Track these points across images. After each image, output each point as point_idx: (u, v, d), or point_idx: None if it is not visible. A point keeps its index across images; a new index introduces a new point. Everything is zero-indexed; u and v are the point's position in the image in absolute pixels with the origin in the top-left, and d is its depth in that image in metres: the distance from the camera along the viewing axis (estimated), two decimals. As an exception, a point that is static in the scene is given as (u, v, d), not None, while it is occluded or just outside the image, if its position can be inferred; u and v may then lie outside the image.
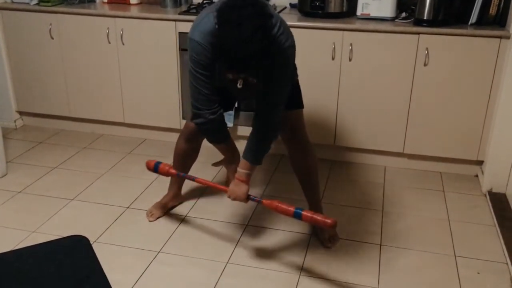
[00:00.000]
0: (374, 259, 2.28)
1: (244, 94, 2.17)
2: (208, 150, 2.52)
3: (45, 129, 3.65)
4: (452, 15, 2.84)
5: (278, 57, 1.90)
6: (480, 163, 3.01)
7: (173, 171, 2.31)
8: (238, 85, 1.92)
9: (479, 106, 2.84)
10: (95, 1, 3.46)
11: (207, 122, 2.02)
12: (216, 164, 2.28)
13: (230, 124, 3.19)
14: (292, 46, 1.93)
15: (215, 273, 2.17)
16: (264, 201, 2.06)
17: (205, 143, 2.44)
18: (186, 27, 3.07)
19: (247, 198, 2.09)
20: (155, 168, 2.33)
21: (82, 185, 2.87)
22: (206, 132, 2.11)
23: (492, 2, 2.79)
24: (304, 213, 1.94)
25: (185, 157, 2.47)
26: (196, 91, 1.97)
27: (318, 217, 1.91)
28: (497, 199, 2.74)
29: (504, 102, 2.69)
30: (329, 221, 1.89)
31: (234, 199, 2.10)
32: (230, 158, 2.20)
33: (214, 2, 1.94)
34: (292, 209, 1.96)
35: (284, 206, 1.99)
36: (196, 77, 1.94)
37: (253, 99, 2.31)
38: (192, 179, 2.26)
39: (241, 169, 2.08)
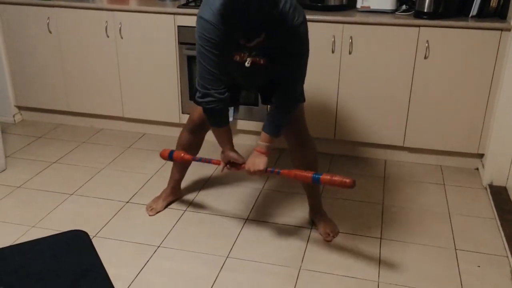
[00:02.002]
0: (374, 252, 2.28)
1: (250, 77, 2.16)
2: (210, 144, 2.51)
3: (44, 123, 3.64)
4: (452, 8, 2.83)
5: (294, 34, 1.92)
6: (480, 156, 3.00)
7: (187, 156, 2.32)
8: (246, 63, 1.98)
9: (479, 99, 2.83)
10: (93, -5, 3.44)
11: (214, 101, 1.99)
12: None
13: (230, 118, 3.17)
14: (305, 22, 1.95)
15: (215, 267, 2.17)
16: (282, 171, 2.11)
17: (207, 137, 2.43)
18: (185, 21, 3.05)
19: (266, 170, 2.11)
20: (169, 156, 2.34)
21: (81, 180, 2.86)
22: (212, 113, 2.06)
23: (493, -6, 2.78)
24: (322, 176, 1.98)
25: (188, 149, 2.46)
26: (204, 71, 1.94)
27: (336, 177, 1.95)
28: (497, 192, 2.73)
29: (505, 95, 2.68)
30: (347, 180, 1.92)
31: (254, 171, 2.10)
32: (228, 144, 2.17)
33: None
34: (310, 175, 2.02)
35: (303, 173, 2.05)
36: (206, 56, 1.91)
37: (255, 87, 2.31)
38: (208, 161, 2.27)
39: (262, 142, 2.10)
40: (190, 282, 2.08)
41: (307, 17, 2.84)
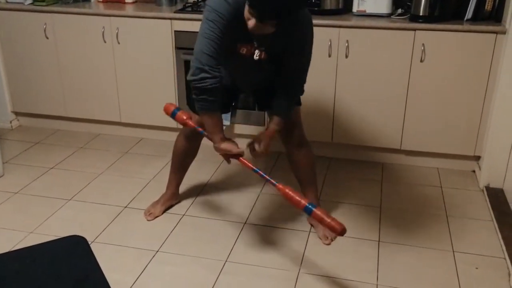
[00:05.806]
0: (372, 255, 2.28)
1: (250, 73, 2.17)
2: (207, 148, 2.51)
3: (41, 129, 3.63)
4: (448, 11, 2.85)
5: (308, 28, 2.03)
6: (477, 158, 3.01)
7: (191, 123, 2.17)
8: (255, 56, 2.00)
9: (476, 101, 2.84)
10: (90, 0, 3.44)
11: (209, 78, 1.90)
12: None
13: (227, 122, 3.18)
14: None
15: (214, 271, 2.17)
16: (278, 185, 1.97)
17: (204, 141, 2.44)
18: (181, 26, 3.06)
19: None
20: (172, 114, 2.19)
21: (79, 185, 2.86)
22: (205, 93, 1.94)
23: (488, -2, 2.80)
24: (315, 210, 1.85)
25: (185, 155, 2.47)
26: (205, 46, 1.89)
27: (329, 219, 1.82)
28: (494, 194, 2.75)
29: (500, 97, 2.70)
30: (337, 227, 1.79)
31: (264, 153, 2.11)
32: (220, 132, 2.09)
33: None
34: (304, 202, 1.87)
35: (296, 197, 1.89)
36: (211, 31, 1.88)
37: (252, 87, 2.32)
38: (203, 133, 2.15)
39: (274, 125, 2.15)
40: (189, 286, 2.09)
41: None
